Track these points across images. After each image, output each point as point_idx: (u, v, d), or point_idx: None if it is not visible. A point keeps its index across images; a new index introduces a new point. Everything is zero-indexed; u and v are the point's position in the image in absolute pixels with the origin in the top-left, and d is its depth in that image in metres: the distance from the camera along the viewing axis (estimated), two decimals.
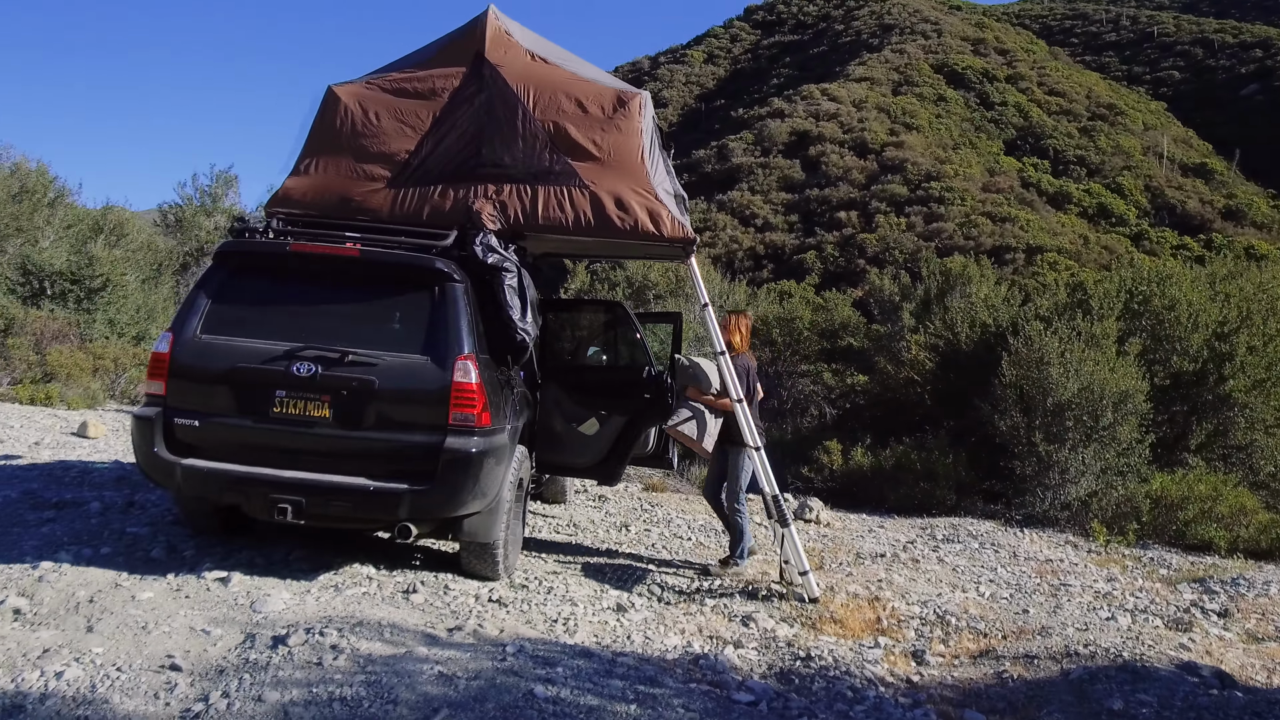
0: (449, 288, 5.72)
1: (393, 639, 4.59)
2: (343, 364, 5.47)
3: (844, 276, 41.57)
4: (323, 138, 6.91)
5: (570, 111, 6.66)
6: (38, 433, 10.46)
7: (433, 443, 5.40)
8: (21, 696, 3.92)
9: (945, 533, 9.47)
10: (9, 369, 13.43)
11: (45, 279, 15.88)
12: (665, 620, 5.67)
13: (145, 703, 3.92)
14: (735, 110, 77.25)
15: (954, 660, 5.35)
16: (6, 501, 7.06)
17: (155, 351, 5.74)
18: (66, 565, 5.56)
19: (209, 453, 5.59)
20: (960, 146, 63.50)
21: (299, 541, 6.24)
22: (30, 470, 8.36)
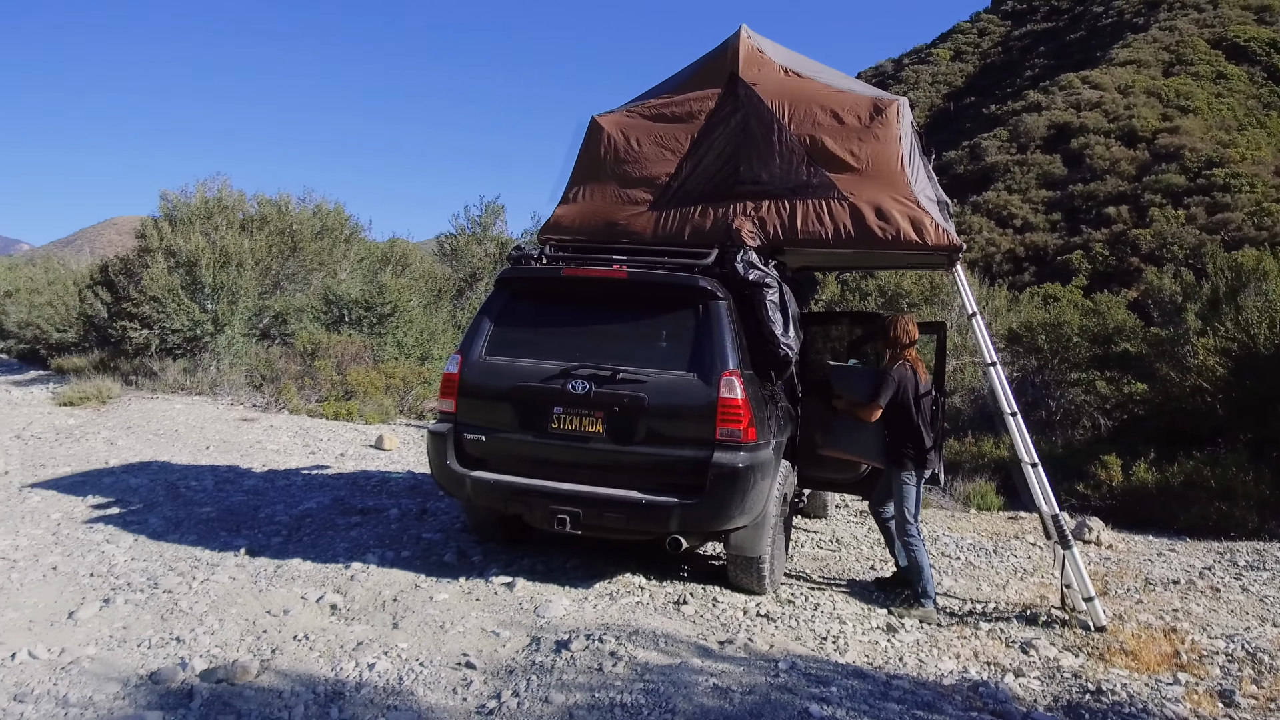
0: (712, 305, 5.85)
1: (667, 649, 4.74)
2: (614, 381, 5.72)
3: (1115, 277, 38.56)
4: (588, 166, 7.27)
5: (826, 124, 6.63)
6: (342, 445, 11.63)
7: (700, 457, 5.53)
8: (340, 684, 4.39)
9: (1249, 558, 8.53)
10: (316, 387, 15.01)
11: (343, 307, 17.64)
12: (938, 643, 5.49)
13: (445, 696, 4.27)
14: (987, 107, 73.60)
15: (1269, 704, 4.82)
16: (320, 507, 7.92)
17: (446, 372, 6.24)
18: (373, 566, 6.17)
19: (495, 465, 6.01)
20: (1246, 127, 57.17)
21: (575, 550, 6.58)
22: (337, 479, 9.33)
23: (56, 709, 4.10)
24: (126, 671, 4.51)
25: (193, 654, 4.71)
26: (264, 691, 4.31)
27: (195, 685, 4.33)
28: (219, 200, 19.91)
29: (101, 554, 6.44)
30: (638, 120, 7.20)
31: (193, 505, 7.93)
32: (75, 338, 20.88)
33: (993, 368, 6.51)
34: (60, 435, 11.67)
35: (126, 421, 12.89)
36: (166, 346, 16.80)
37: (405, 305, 17.73)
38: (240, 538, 6.93)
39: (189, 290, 16.86)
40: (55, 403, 15.06)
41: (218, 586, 5.74)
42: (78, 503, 7.96)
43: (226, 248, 17.28)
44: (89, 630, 5.04)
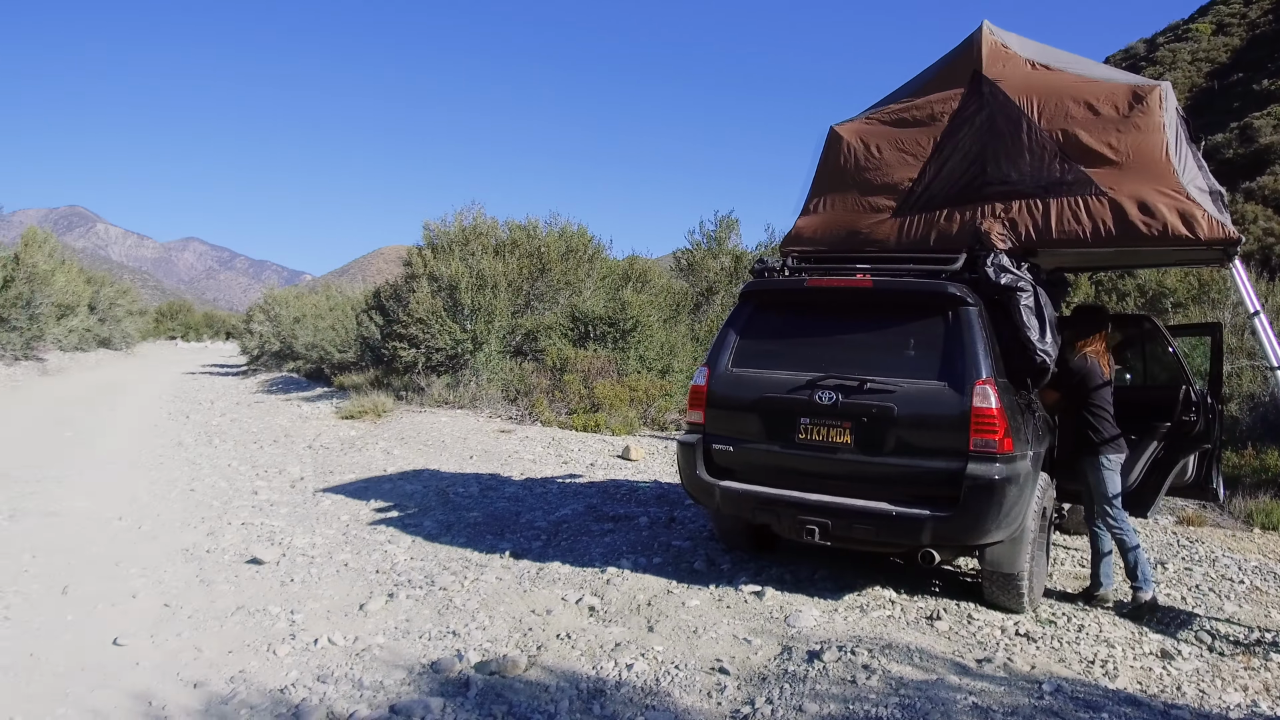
0: (962, 312, 5.68)
1: (922, 664, 4.65)
2: (862, 391, 5.68)
3: None
4: (828, 176, 7.25)
5: (1079, 116, 6.28)
6: (591, 455, 12.16)
7: (954, 469, 5.38)
8: (602, 683, 4.62)
9: None
10: (565, 400, 15.76)
11: (588, 323, 18.42)
12: (1221, 672, 5.03)
13: (700, 700, 4.39)
14: (1258, 83, 66.15)
15: None
16: (575, 514, 8.33)
17: (694, 384, 6.42)
18: (627, 571, 6.43)
19: (742, 475, 6.11)
20: None
21: (822, 562, 6.56)
22: (589, 488, 9.77)
23: (353, 690, 4.58)
24: (410, 660, 4.96)
25: (467, 647, 5.11)
26: (532, 685, 4.61)
27: (471, 676, 4.70)
28: (474, 227, 21.39)
29: (384, 553, 7.10)
30: (877, 127, 7.11)
31: (461, 510, 8.57)
32: (353, 357, 23.02)
33: (1277, 372, 5.92)
34: (344, 445, 12.94)
35: (400, 433, 14.09)
36: (431, 364, 18.20)
37: (646, 320, 18.27)
38: (504, 541, 7.42)
39: (450, 311, 18.19)
40: (338, 416, 16.69)
41: (486, 586, 6.19)
42: (362, 506, 8.80)
43: (482, 271, 18.52)
44: (377, 621, 5.58)
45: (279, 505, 8.90)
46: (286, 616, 5.67)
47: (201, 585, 6.32)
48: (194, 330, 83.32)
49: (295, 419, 16.95)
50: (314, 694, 4.54)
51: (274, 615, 5.69)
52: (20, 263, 27.67)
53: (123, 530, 7.84)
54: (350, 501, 9.06)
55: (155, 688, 4.64)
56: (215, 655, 5.07)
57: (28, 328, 27.56)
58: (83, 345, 35.13)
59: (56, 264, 30.34)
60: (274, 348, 33.33)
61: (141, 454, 12.24)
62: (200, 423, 16.34)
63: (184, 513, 8.55)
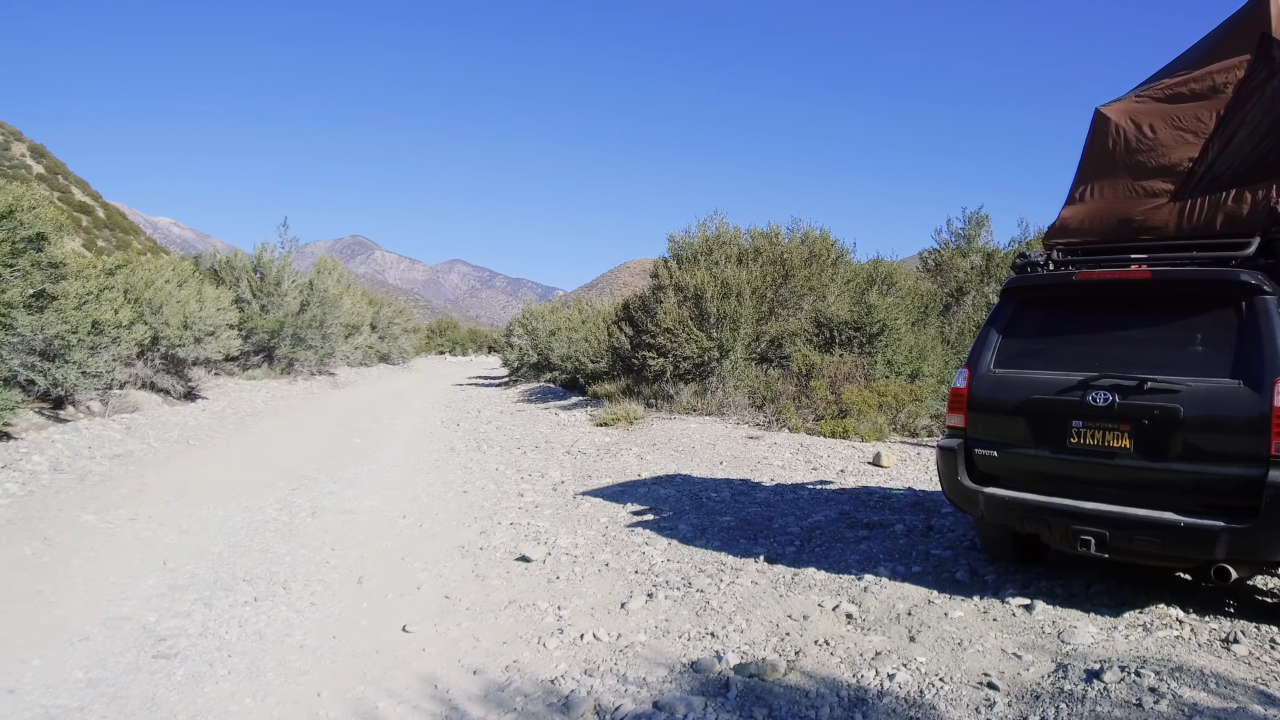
0: (1258, 302, 5.14)
1: (1219, 690, 4.23)
2: (1141, 391, 5.26)
3: None
4: (1095, 161, 6.78)
5: None
6: (840, 461, 11.98)
7: (1252, 476, 4.86)
8: (863, 691, 4.54)
9: None
10: (812, 407, 15.62)
11: (833, 328, 18.16)
12: None
13: (968, 714, 4.22)
14: None
15: None
16: (828, 520, 8.24)
17: (954, 387, 6.19)
18: (884, 579, 6.28)
19: (1008, 482, 5.82)
20: None
21: (1096, 575, 6.13)
22: (840, 494, 9.64)
23: (618, 684, 4.76)
24: (671, 658, 5.09)
25: (725, 648, 5.18)
26: (792, 690, 4.61)
27: (730, 677, 4.76)
28: (718, 237, 21.68)
29: (642, 554, 7.32)
30: (1149, 105, 6.57)
31: (714, 514, 8.70)
32: (605, 367, 23.93)
33: None
34: (599, 451, 13.47)
35: (651, 439, 14.50)
36: (679, 372, 18.59)
37: (892, 323, 17.78)
38: (758, 545, 7.46)
39: (696, 320, 18.51)
40: (593, 423, 17.41)
41: (742, 589, 6.25)
42: (619, 509, 9.13)
43: (726, 280, 18.72)
44: (638, 620, 5.77)
45: (543, 507, 9.40)
46: (554, 612, 5.98)
47: (477, 580, 6.79)
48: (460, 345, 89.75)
49: (554, 426, 17.85)
50: (581, 686, 4.76)
51: (542, 610, 6.02)
52: (314, 288, 30.95)
53: (406, 528, 8.56)
54: (608, 504, 9.42)
55: (439, 672, 5.03)
56: (491, 645, 5.43)
57: (321, 345, 30.76)
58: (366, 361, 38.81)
59: (344, 288, 33.71)
60: (532, 359, 35.29)
61: (420, 459, 13.32)
62: (469, 430, 17.56)
63: (458, 513, 9.22)
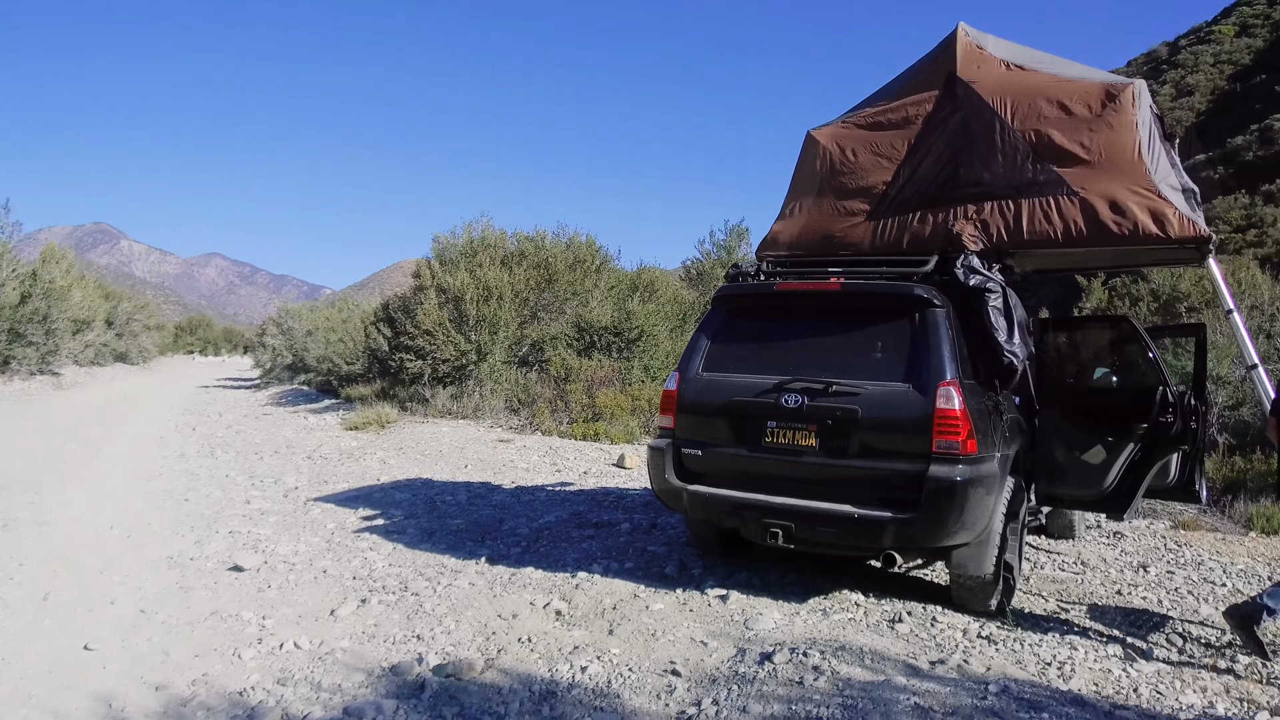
0: (929, 313, 5.65)
1: (873, 665, 4.61)
2: (827, 394, 5.65)
3: None
4: (804, 180, 7.25)
5: (1052, 116, 6.27)
6: (586, 464, 12.17)
7: (916, 471, 5.34)
8: (555, 685, 4.62)
9: None
10: (568, 410, 15.79)
11: (594, 333, 18.47)
12: (1183, 675, 4.95)
13: (649, 701, 4.39)
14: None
15: None
16: (559, 521, 8.34)
17: (665, 390, 6.42)
18: (598, 576, 6.43)
19: (711, 479, 6.10)
20: None
21: (794, 566, 6.53)
22: (578, 495, 9.78)
23: (310, 693, 4.60)
24: (372, 663, 4.98)
25: (429, 651, 5.12)
26: (486, 687, 4.62)
27: (428, 678, 4.71)
28: (483, 239, 21.53)
29: (364, 560, 7.12)
30: (853, 130, 7.11)
31: (446, 518, 8.60)
32: (361, 369, 23.17)
33: (1254, 370, 5.86)
34: (342, 456, 13.01)
35: (399, 444, 14.16)
36: (437, 375, 18.29)
37: (651, 330, 18.29)
38: (483, 548, 7.43)
39: (456, 323, 18.28)
40: (343, 428, 16.80)
41: (458, 591, 6.20)
42: (350, 515, 8.84)
43: (488, 282, 18.60)
44: (345, 626, 5.61)
45: (269, 514, 8.95)
46: (258, 622, 5.70)
47: (180, 592, 6.37)
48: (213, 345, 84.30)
49: (300, 431, 17.06)
50: (271, 696, 4.56)
51: (245, 620, 5.72)
52: (38, 279, 28.08)
53: (112, 539, 7.91)
54: (339, 510, 9.11)
55: (118, 690, 4.68)
56: (182, 659, 5.10)
57: (44, 343, 27.92)
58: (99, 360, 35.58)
59: (74, 280, 30.77)
60: (286, 361, 33.67)
61: (143, 465, 12.35)
62: (205, 435, 16.47)
63: (175, 522, 8.61)
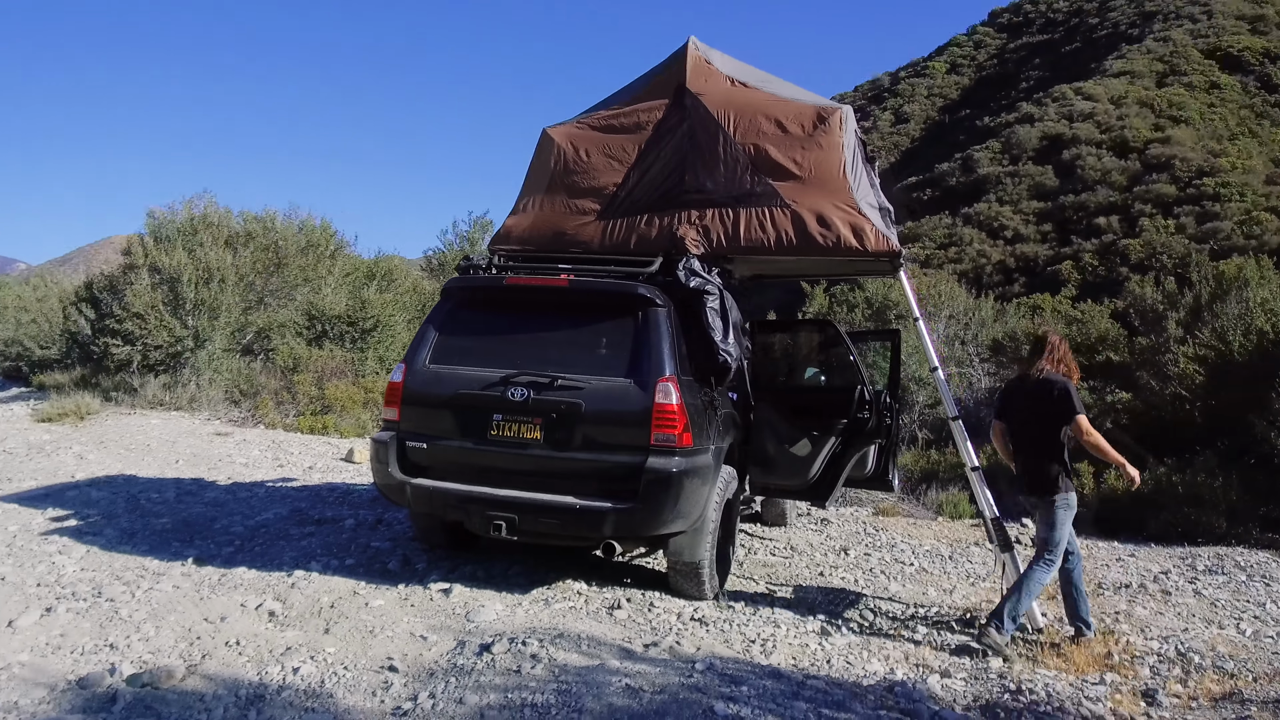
0: (651, 312, 5.90)
1: (589, 651, 4.77)
2: (552, 388, 5.77)
3: (1104, 287, 38.30)
4: (538, 177, 7.34)
5: (770, 132, 6.71)
6: (312, 458, 11.67)
7: (636, 463, 5.57)
8: (263, 688, 4.43)
9: (1209, 563, 8.54)
10: (295, 402, 15.06)
11: (326, 322, 17.70)
12: (871, 646, 5.51)
13: (364, 699, 4.31)
14: (981, 119, 73.81)
15: (1191, 703, 4.83)
16: (278, 518, 7.96)
17: (391, 381, 6.30)
18: (315, 574, 6.20)
19: (436, 473, 6.05)
20: (1238, 136, 57.32)
21: (519, 558, 6.61)
22: (301, 491, 9.37)
23: None
24: (55, 677, 4.54)
25: (124, 660, 4.75)
26: (187, 695, 4.35)
27: (120, 689, 4.36)
28: (204, 217, 19.97)
29: (52, 564, 6.47)
30: (587, 131, 7.27)
31: (150, 517, 7.96)
32: (58, 354, 20.94)
33: (936, 373, 6.56)
34: (32, 450, 11.71)
35: (100, 437, 12.93)
36: (148, 363, 16.83)
37: (388, 320, 17.79)
38: (191, 548, 6.96)
39: (171, 306, 16.91)
40: (34, 419, 15.09)
41: (160, 595, 5.77)
42: (37, 515, 7.98)
43: (209, 264, 17.34)
44: (25, 638, 5.07)
45: None
46: None
47: None
48: None
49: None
50: None
51: None
52: None
53: None
54: (24, 510, 8.19)
55: None
56: None
57: None
58: None
59: None
60: None
61: None
62: None
63: None
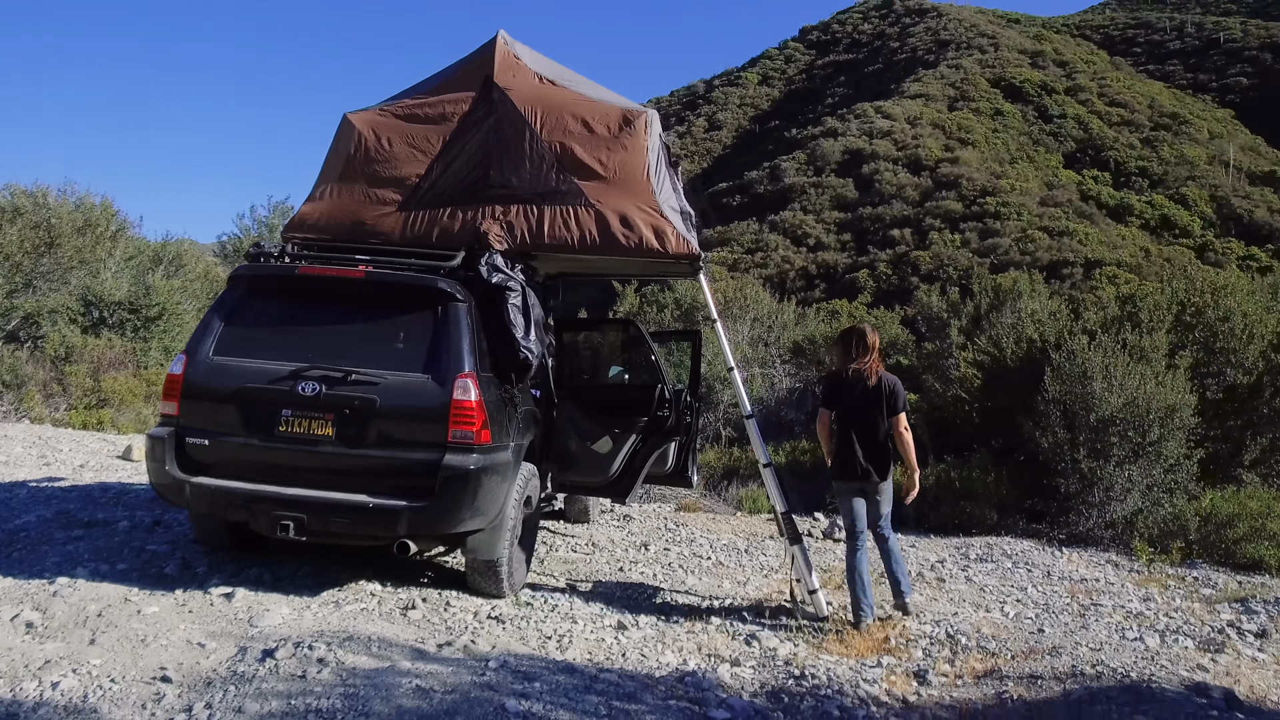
0: (451, 307, 5.80)
1: (379, 653, 4.64)
2: (345, 383, 5.57)
3: (896, 295, 40.94)
4: (338, 164, 7.07)
5: (576, 131, 6.73)
6: (85, 456, 10.80)
7: (432, 460, 5.46)
8: (17, 705, 4.04)
9: (979, 552, 9.25)
10: (66, 395, 13.91)
11: (105, 309, 16.44)
12: (665, 638, 5.63)
13: (132, 712, 4.01)
14: (789, 131, 77.22)
15: (957, 680, 5.21)
16: (40, 520, 7.29)
17: (170, 374, 5.92)
18: (81, 581, 5.71)
19: (219, 471, 5.72)
20: (1018, 161, 62.65)
21: (310, 559, 6.34)
22: (70, 491, 8.64)
23: None
24: None
25: None
26: None
27: None
28: None
29: None
30: (390, 119, 7.07)
31: None
32: None
33: (733, 373, 6.78)
34: None
35: None
36: None
37: (175, 308, 16.71)
38: None
39: None
40: None
41: None
42: None
43: None
44: None
45: None
46: None
47: None
48: None
49: None
50: None
51: None
52: None
53: None
54: None
55: None
56: None
57: None
58: None
59: None
60: None
61: None
62: None
63: None
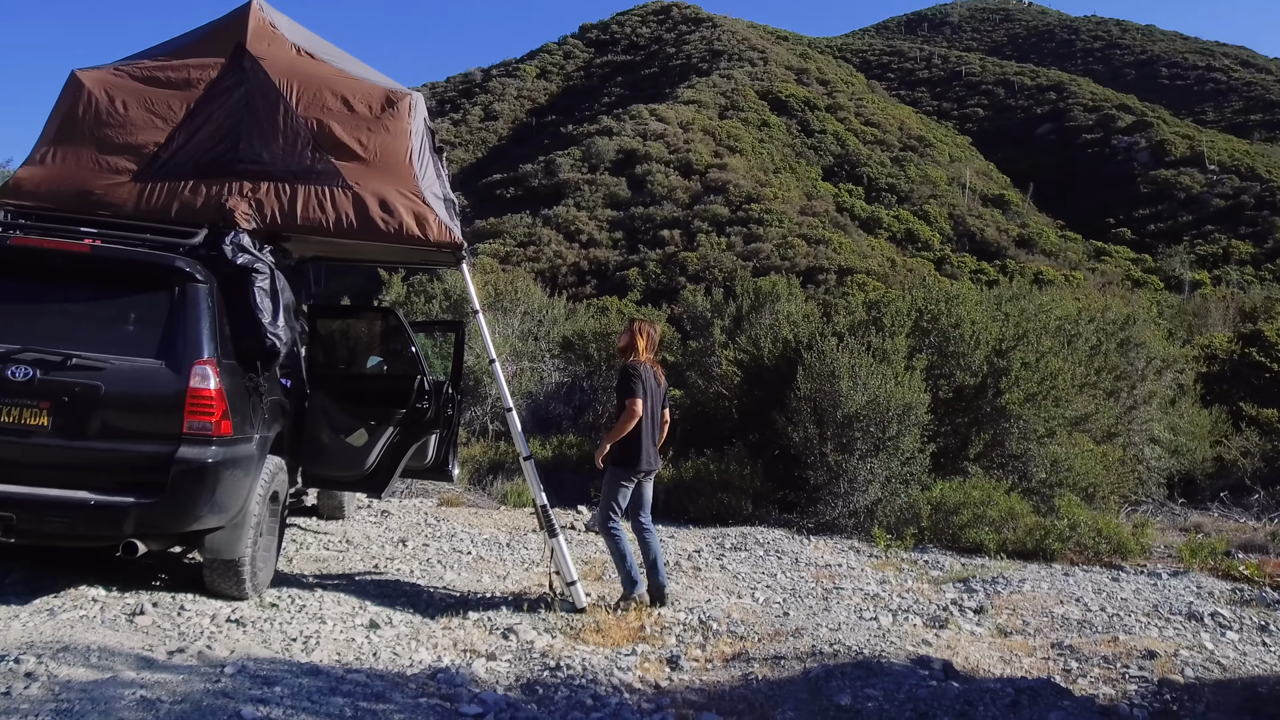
0: (190, 288, 5.37)
1: (99, 664, 4.23)
2: (65, 368, 5.04)
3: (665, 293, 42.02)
4: (64, 126, 6.41)
5: (336, 109, 6.43)
6: None
7: (165, 453, 5.04)
8: None
9: (734, 541, 9.64)
10: None
11: None
12: (420, 636, 5.48)
13: None
14: (565, 126, 77.73)
15: (707, 664, 5.39)
16: None
17: None
18: None
19: None
20: (781, 171, 66.04)
21: (24, 563, 5.71)
22: None
23: None
24: None
25: None
26: None
27: None
28: None
29: None
30: (127, 81, 6.49)
31: None
32: None
33: (494, 365, 6.70)
34: None
35: None
36: None
37: None
38: None
39: None
40: None
41: None
42: None
43: None
44: None
45: None
46: None
47: None
48: None
49: None
50: None
51: None
52: None
53: None
54: None
55: None
56: None
57: None
58: None
59: None
60: None
61: None
62: None
63: None
